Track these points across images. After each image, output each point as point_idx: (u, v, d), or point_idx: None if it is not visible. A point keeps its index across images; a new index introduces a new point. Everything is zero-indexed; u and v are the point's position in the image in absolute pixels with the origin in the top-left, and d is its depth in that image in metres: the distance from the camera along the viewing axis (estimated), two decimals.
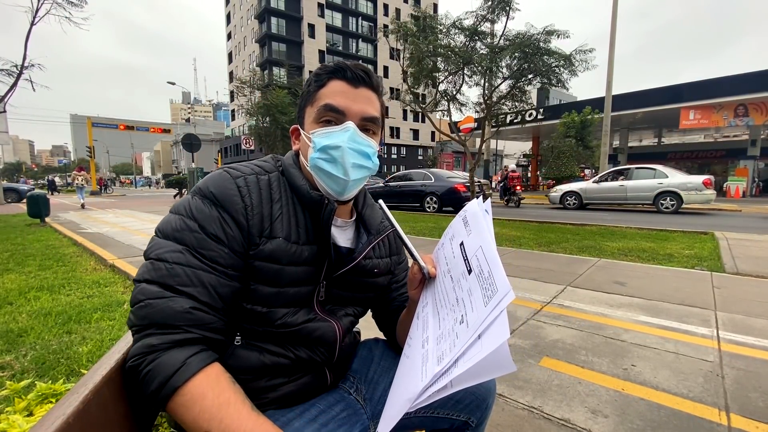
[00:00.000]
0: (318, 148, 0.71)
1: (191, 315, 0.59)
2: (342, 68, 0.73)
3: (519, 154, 34.87)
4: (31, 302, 2.91)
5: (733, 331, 2.38)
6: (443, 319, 0.59)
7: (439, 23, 6.97)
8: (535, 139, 27.87)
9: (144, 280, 0.61)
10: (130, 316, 0.60)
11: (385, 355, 0.92)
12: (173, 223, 0.65)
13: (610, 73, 14.58)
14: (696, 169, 22.83)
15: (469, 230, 0.63)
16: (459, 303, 0.56)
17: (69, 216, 10.03)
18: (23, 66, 8.21)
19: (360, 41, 51.91)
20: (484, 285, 0.51)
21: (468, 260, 0.58)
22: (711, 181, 10.30)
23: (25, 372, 1.85)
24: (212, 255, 0.64)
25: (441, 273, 0.69)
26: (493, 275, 0.50)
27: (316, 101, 0.73)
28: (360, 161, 0.73)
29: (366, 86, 0.74)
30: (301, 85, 19.17)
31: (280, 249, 0.69)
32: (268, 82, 18.32)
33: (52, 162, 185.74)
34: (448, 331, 0.54)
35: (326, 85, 0.73)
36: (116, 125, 38.08)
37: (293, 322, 0.72)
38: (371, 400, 0.84)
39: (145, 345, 0.57)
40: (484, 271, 0.53)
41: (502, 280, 0.48)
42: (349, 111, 0.72)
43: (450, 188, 10.66)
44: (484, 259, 0.54)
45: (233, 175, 0.71)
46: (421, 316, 0.68)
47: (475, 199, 0.69)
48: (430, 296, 0.69)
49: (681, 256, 4.63)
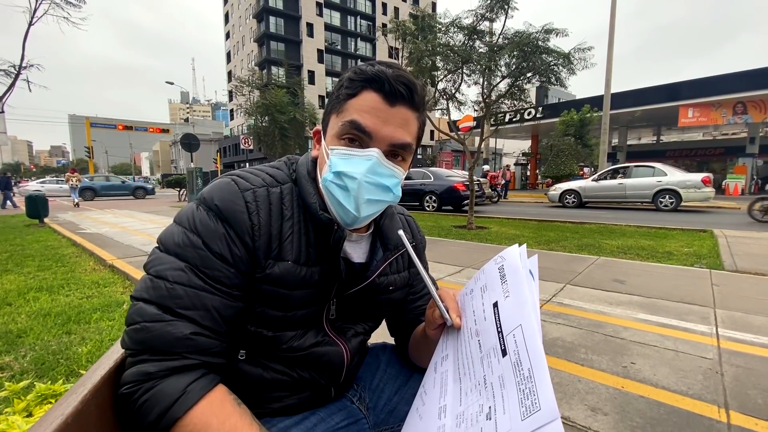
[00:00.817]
0: (333, 170, 0.63)
1: (191, 341, 0.55)
2: (380, 78, 0.61)
3: (518, 152, 34.88)
4: (31, 303, 2.90)
5: (732, 328, 2.38)
6: (466, 394, 0.53)
7: (437, 22, 6.94)
8: (534, 138, 27.87)
9: (142, 299, 0.56)
10: (125, 336, 0.56)
11: (392, 362, 0.87)
12: (176, 237, 0.60)
13: (609, 71, 14.59)
14: (695, 167, 22.84)
15: (507, 291, 0.54)
16: (487, 387, 0.49)
17: (68, 216, 10.01)
18: (21, 66, 8.19)
19: (359, 40, 51.84)
20: (522, 387, 0.43)
21: (503, 336, 0.50)
22: (710, 178, 10.32)
23: (25, 373, 1.85)
24: (216, 275, 0.58)
25: (467, 330, 0.59)
26: (536, 381, 0.42)
27: (343, 112, 0.63)
28: (376, 196, 0.64)
29: (405, 104, 0.63)
30: (300, 85, 19.02)
31: (288, 273, 0.63)
32: (266, 81, 18.28)
33: (50, 162, 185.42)
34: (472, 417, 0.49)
35: (358, 95, 0.62)
36: (115, 125, 38.08)
37: (300, 346, 0.68)
38: (374, 409, 0.81)
39: (141, 372, 0.53)
40: (523, 364, 0.45)
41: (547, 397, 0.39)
42: (377, 135, 0.62)
43: (449, 187, 10.68)
44: (524, 348, 0.46)
45: (242, 186, 0.64)
46: (440, 371, 0.61)
47: (516, 247, 0.57)
48: (452, 349, 0.62)
49: (680, 254, 4.63)
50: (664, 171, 10.85)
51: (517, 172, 27.81)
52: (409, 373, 0.84)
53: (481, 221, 8.22)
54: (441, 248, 5.16)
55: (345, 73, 0.67)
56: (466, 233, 6.55)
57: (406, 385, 0.82)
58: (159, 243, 0.61)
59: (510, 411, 0.43)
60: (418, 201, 11.21)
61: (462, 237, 6.17)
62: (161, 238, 0.62)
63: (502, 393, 0.46)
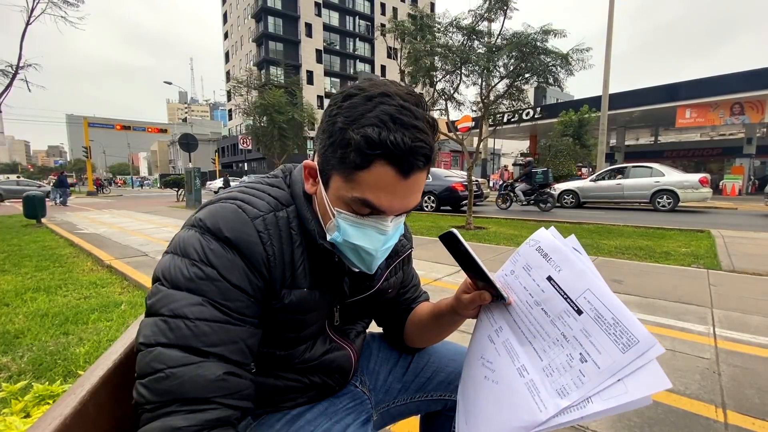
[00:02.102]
0: (344, 238, 0.60)
1: (225, 383, 0.52)
2: (396, 152, 0.52)
3: (516, 152, 34.94)
4: (28, 303, 2.89)
5: (729, 328, 2.39)
6: (544, 351, 0.58)
7: (436, 22, 6.95)
8: (533, 138, 27.91)
9: (159, 344, 0.50)
10: (141, 390, 0.49)
11: (382, 348, 0.94)
12: (184, 271, 0.54)
13: (607, 71, 14.64)
14: (692, 168, 22.92)
15: (556, 266, 0.60)
16: (569, 341, 0.55)
17: (65, 216, 9.98)
18: (19, 66, 8.16)
19: (357, 40, 51.86)
20: (611, 331, 0.50)
21: (571, 300, 0.56)
22: (707, 179, 10.36)
23: (22, 373, 1.84)
24: (239, 306, 0.55)
25: (521, 302, 0.63)
26: (625, 324, 0.50)
27: (352, 183, 0.56)
28: (389, 250, 0.65)
29: (422, 169, 0.56)
30: (298, 85, 18.90)
31: (304, 299, 0.63)
32: (265, 81, 18.24)
33: (48, 162, 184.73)
34: (562, 365, 0.55)
35: (370, 168, 0.53)
36: (112, 125, 37.91)
37: (311, 357, 0.70)
38: (374, 389, 0.87)
39: (168, 428, 0.47)
40: (604, 316, 0.52)
41: (641, 331, 0.48)
42: (392, 210, 0.58)
43: (448, 187, 10.67)
44: (600, 304, 0.52)
45: (250, 214, 0.59)
46: (498, 341, 0.66)
47: (544, 230, 0.65)
48: (504, 321, 0.67)
49: (678, 254, 4.65)
50: (661, 171, 10.88)
51: (515, 173, 27.85)
52: (397, 355, 0.92)
53: (479, 221, 8.23)
54: (439, 248, 5.16)
55: (351, 112, 0.54)
56: (465, 234, 6.55)
57: (397, 365, 0.90)
58: (162, 279, 0.55)
59: (606, 350, 0.50)
60: None
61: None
62: (163, 274, 0.55)
63: (590, 340, 0.52)
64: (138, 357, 0.52)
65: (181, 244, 0.57)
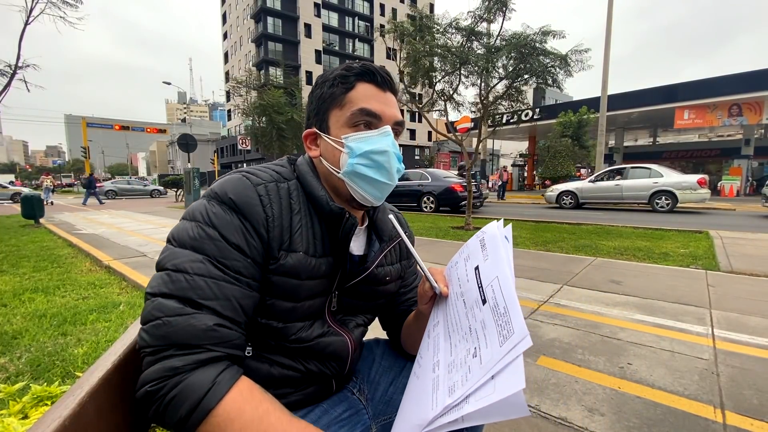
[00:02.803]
0: (359, 153, 0.68)
1: (215, 333, 0.56)
2: (371, 71, 0.70)
3: (515, 153, 34.98)
4: (26, 304, 2.89)
5: (727, 329, 2.40)
6: (455, 345, 0.58)
7: (435, 23, 6.96)
8: (532, 139, 27.96)
9: (160, 294, 0.56)
10: (143, 335, 0.55)
11: (386, 355, 0.92)
12: (190, 231, 0.61)
13: (606, 73, 14.68)
14: (691, 169, 22.99)
15: (486, 255, 0.61)
16: (472, 333, 0.54)
17: (64, 217, 9.96)
18: (17, 66, 8.13)
19: (356, 41, 51.86)
20: (500, 322, 0.49)
21: (482, 288, 0.56)
22: (705, 180, 10.38)
23: (20, 374, 1.84)
24: (235, 265, 0.60)
25: (453, 294, 0.67)
26: (510, 314, 0.48)
27: (347, 104, 0.69)
28: (399, 165, 0.73)
29: (390, 91, 0.73)
30: (297, 85, 19.00)
31: (300, 264, 0.67)
32: (264, 81, 18.25)
33: (46, 162, 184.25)
34: (461, 361, 0.53)
35: (355, 87, 0.69)
36: (111, 125, 37.92)
37: (308, 337, 0.70)
38: (372, 400, 0.85)
39: (166, 368, 0.52)
40: (499, 305, 0.51)
41: (519, 323, 0.46)
42: (384, 115, 0.70)
43: (447, 188, 10.69)
44: (500, 292, 0.52)
45: (254, 181, 0.66)
46: (432, 335, 0.67)
47: (495, 222, 0.67)
48: (441, 315, 0.68)
49: (676, 255, 4.66)
50: (660, 172, 10.91)
51: (514, 174, 27.89)
52: (402, 363, 0.89)
53: (478, 222, 8.24)
54: (438, 249, 5.17)
55: (328, 74, 0.73)
56: (464, 234, 6.56)
57: (400, 375, 0.87)
58: (171, 239, 0.62)
59: (491, 344, 0.49)
60: (416, 202, 11.22)
61: (459, 238, 6.17)
62: (173, 234, 0.62)
63: (485, 333, 0.51)
64: (144, 306, 0.57)
65: (191, 210, 0.64)
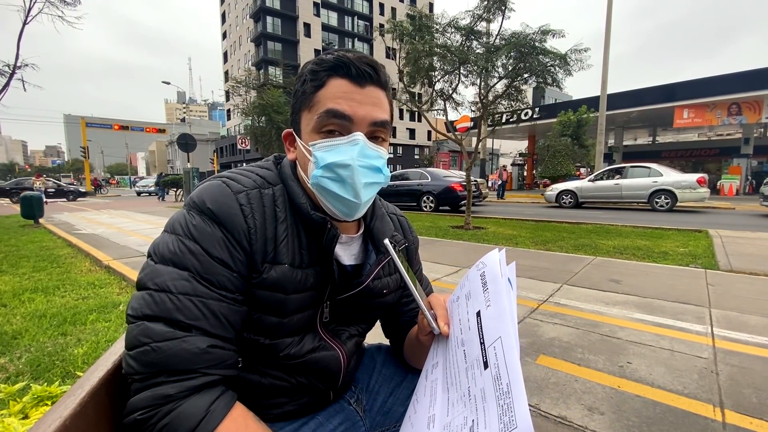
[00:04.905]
0: (321, 165, 0.61)
1: (209, 355, 0.53)
2: (344, 63, 0.61)
3: (515, 153, 34.97)
4: (26, 304, 2.88)
5: (727, 327, 2.40)
6: (453, 404, 0.53)
7: (435, 22, 6.95)
8: (531, 138, 27.95)
9: (144, 317, 0.52)
10: (130, 361, 0.51)
11: (387, 363, 0.87)
12: (170, 245, 0.56)
13: (605, 72, 14.68)
14: (690, 168, 22.99)
15: (488, 300, 0.54)
16: (471, 399, 0.50)
17: (63, 217, 9.95)
18: (16, 66, 8.11)
19: (356, 40, 51.81)
20: (501, 402, 0.44)
21: (485, 347, 0.51)
22: (705, 179, 10.39)
23: (20, 374, 1.84)
24: (221, 280, 0.56)
25: (454, 338, 0.60)
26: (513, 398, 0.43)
27: (315, 105, 0.62)
28: (372, 178, 0.63)
29: (373, 84, 0.62)
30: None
31: (285, 277, 0.62)
32: (263, 81, 18.24)
33: (45, 162, 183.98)
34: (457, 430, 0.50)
35: (326, 84, 0.61)
36: (110, 125, 37.82)
37: (298, 353, 0.66)
38: (370, 411, 0.81)
39: (158, 395, 0.49)
40: (502, 378, 0.46)
41: (522, 413, 0.41)
42: (356, 117, 0.61)
43: (446, 187, 10.70)
44: (503, 361, 0.47)
45: (234, 188, 0.61)
46: (430, 378, 0.62)
47: (497, 252, 0.59)
48: (441, 357, 0.62)
49: (675, 254, 4.66)
50: (659, 171, 10.92)
51: (514, 173, 27.88)
52: (404, 373, 0.84)
53: (478, 221, 8.24)
54: (438, 248, 5.17)
55: (303, 68, 0.65)
56: (464, 233, 6.56)
57: (401, 386, 0.82)
58: (152, 255, 0.58)
59: (490, 426, 0.44)
60: (416, 201, 11.23)
61: (459, 237, 6.18)
62: (153, 249, 0.58)
63: (484, 407, 0.47)
64: (127, 329, 0.53)
65: (171, 222, 0.60)
